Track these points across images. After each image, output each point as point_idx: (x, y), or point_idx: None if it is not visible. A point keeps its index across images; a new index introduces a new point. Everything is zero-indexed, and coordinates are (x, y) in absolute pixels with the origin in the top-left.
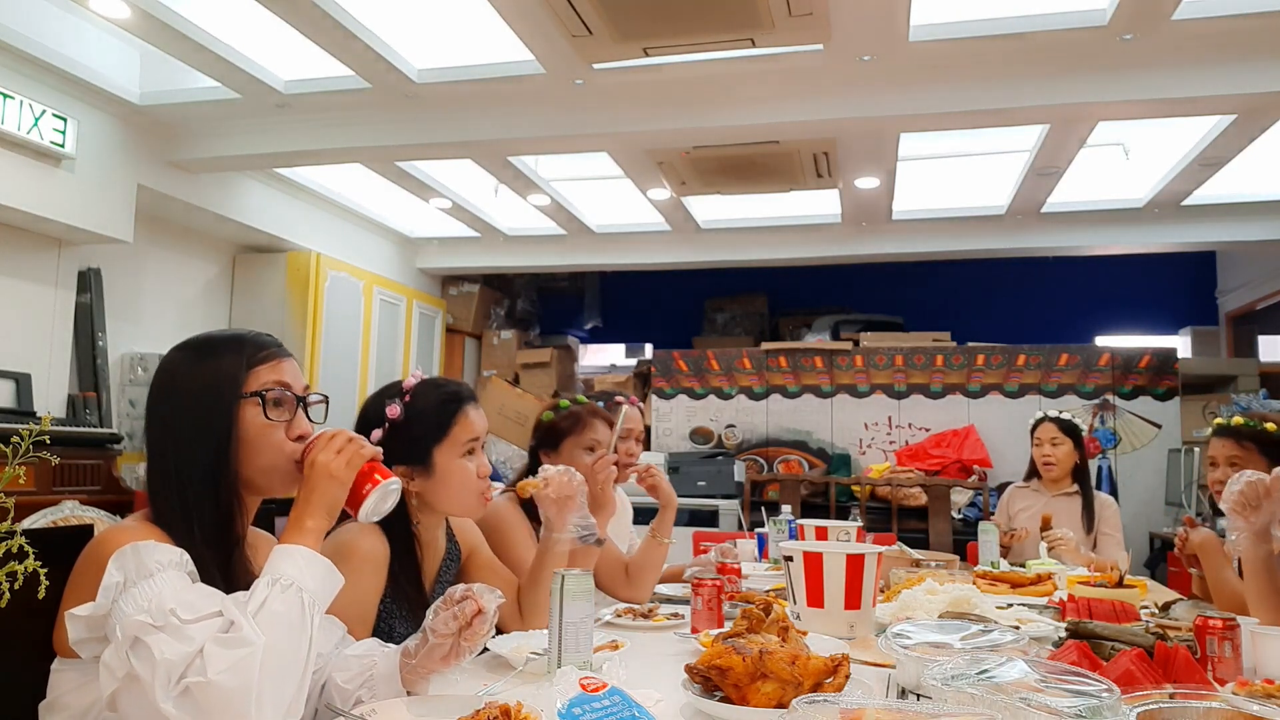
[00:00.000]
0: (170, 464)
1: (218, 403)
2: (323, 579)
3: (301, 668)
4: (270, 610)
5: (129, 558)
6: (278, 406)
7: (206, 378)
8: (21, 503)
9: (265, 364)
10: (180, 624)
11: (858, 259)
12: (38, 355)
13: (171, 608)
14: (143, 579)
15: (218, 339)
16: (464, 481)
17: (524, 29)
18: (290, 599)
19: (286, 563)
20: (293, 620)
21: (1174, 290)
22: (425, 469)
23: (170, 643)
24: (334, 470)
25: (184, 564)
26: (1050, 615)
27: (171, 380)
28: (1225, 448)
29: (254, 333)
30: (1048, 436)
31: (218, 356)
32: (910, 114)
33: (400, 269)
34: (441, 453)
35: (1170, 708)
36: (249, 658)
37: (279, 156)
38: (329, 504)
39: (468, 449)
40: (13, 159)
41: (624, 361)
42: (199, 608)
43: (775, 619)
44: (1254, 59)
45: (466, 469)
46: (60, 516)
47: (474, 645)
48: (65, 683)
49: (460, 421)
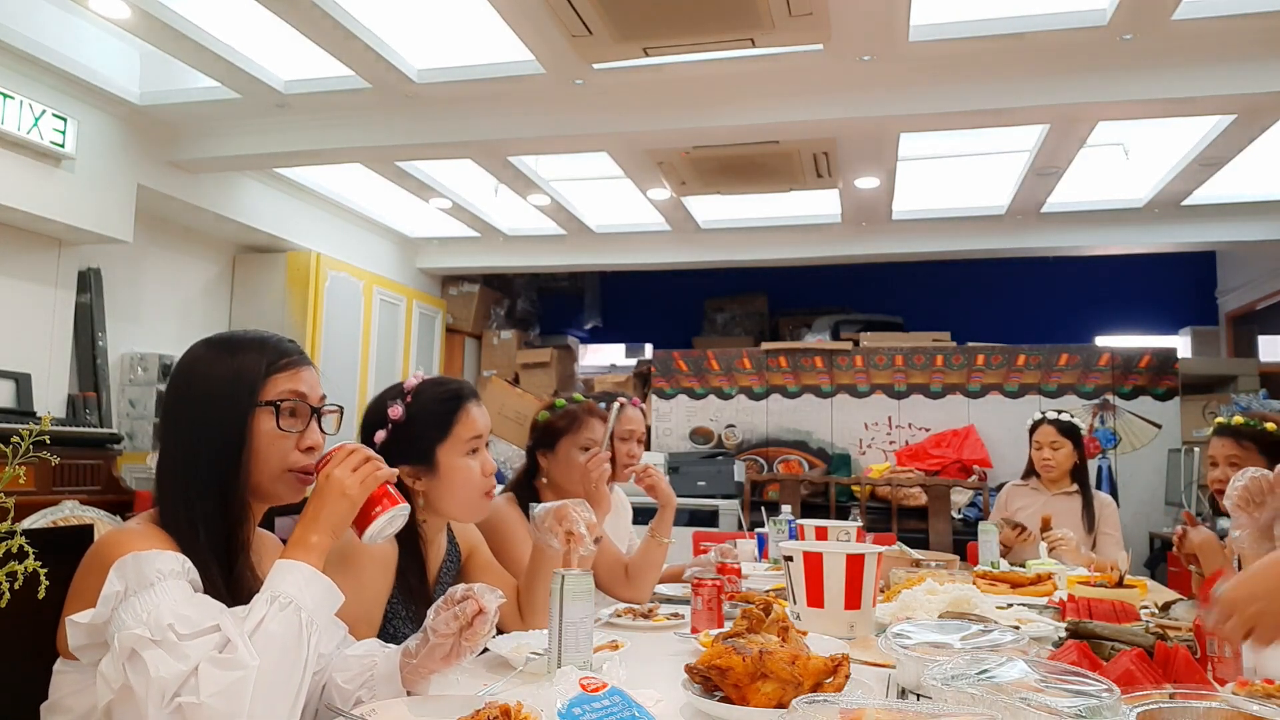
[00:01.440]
0: (179, 465)
1: (232, 407)
2: (322, 598)
3: (295, 688)
4: (266, 631)
5: (130, 567)
6: (292, 417)
7: (225, 378)
8: (21, 503)
9: (284, 372)
10: (177, 640)
11: (858, 259)
12: (38, 355)
13: (169, 623)
14: (143, 589)
15: (241, 339)
16: (468, 480)
17: (524, 29)
18: (288, 619)
19: (287, 580)
20: (289, 641)
21: (1174, 290)
22: (429, 468)
23: (166, 660)
24: (347, 488)
25: (185, 572)
26: (1050, 615)
27: (190, 377)
28: (1225, 447)
29: (278, 337)
30: (1047, 440)
31: (239, 358)
32: (910, 114)
33: (400, 269)
34: (445, 451)
35: (1170, 708)
36: (242, 681)
37: (279, 156)
38: (337, 522)
39: (471, 447)
40: (13, 159)
41: (624, 361)
42: (196, 622)
43: (775, 619)
44: (1254, 59)
45: (470, 467)
46: (60, 516)
47: (475, 645)
48: (67, 684)
49: (462, 419)
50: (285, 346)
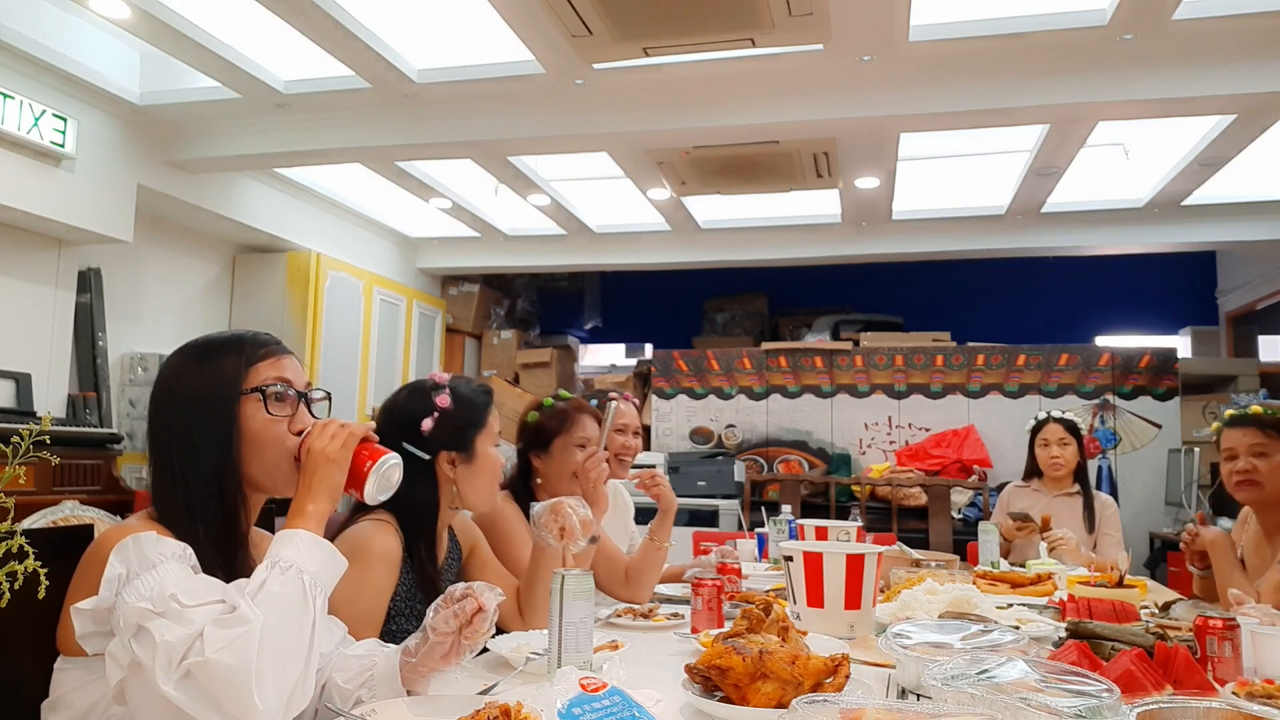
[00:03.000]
0: (174, 465)
1: (220, 403)
2: (324, 562)
3: (305, 649)
4: (269, 591)
5: (130, 550)
6: (279, 402)
7: (208, 379)
8: (21, 503)
9: (265, 360)
10: (181, 608)
11: (858, 259)
12: (38, 355)
13: (172, 593)
14: (145, 570)
15: (217, 341)
16: (495, 470)
17: (524, 29)
18: (290, 580)
19: (287, 547)
20: (293, 601)
21: (1174, 290)
22: (468, 456)
23: (171, 626)
24: (330, 453)
25: (187, 557)
26: (1050, 615)
27: (173, 384)
28: (1248, 436)
29: (253, 332)
30: (1055, 437)
31: (218, 358)
32: (910, 114)
33: (400, 269)
34: (481, 441)
35: (1170, 708)
36: (246, 635)
37: (279, 156)
38: (329, 487)
39: (496, 440)
40: (13, 159)
41: (624, 361)
42: (200, 594)
43: (775, 619)
44: (1254, 59)
45: (498, 459)
46: (60, 516)
47: (474, 644)
48: (69, 681)
49: (493, 413)
50: (262, 338)
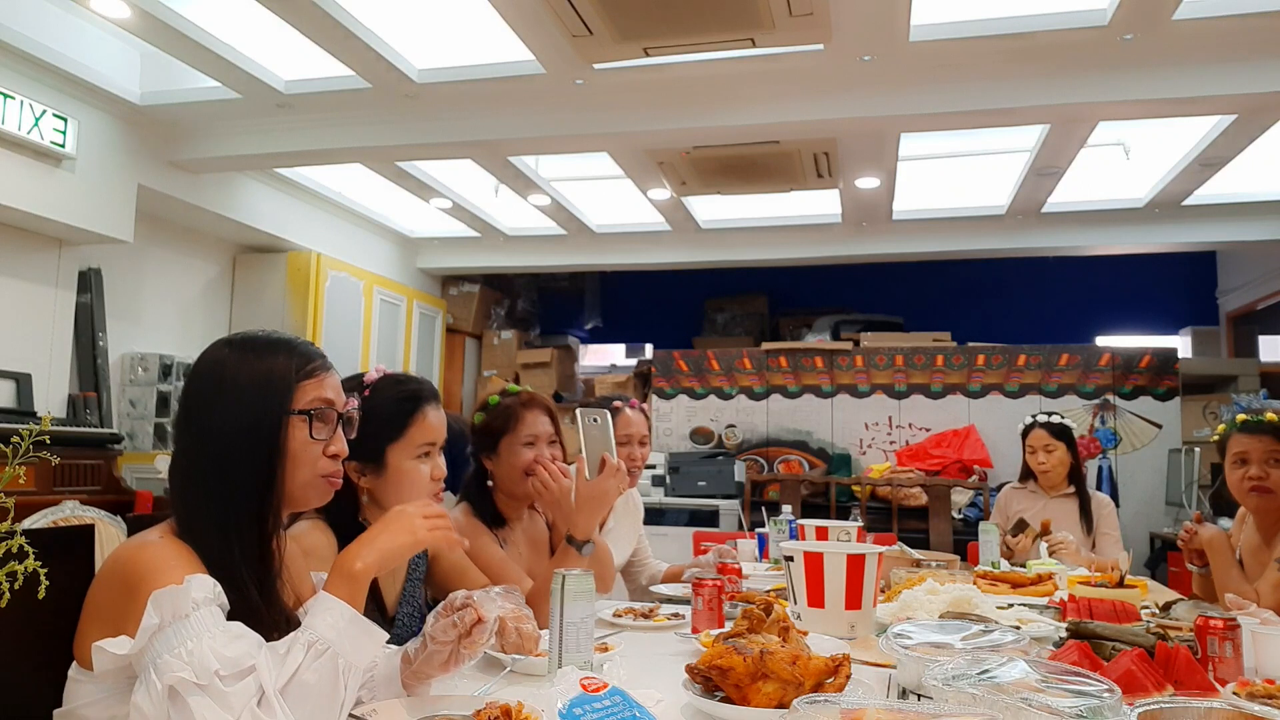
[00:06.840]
0: (208, 474)
1: (267, 414)
2: (358, 641)
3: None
4: (301, 681)
5: (165, 601)
6: (322, 424)
7: (255, 383)
8: (21, 503)
9: (313, 378)
10: (224, 690)
11: (858, 259)
12: (38, 355)
13: (215, 668)
14: (178, 620)
15: (266, 341)
16: (415, 484)
17: (524, 29)
18: (324, 667)
19: (324, 617)
20: (324, 688)
21: (1174, 290)
22: (376, 467)
23: (213, 708)
24: (416, 528)
25: (216, 596)
26: (1051, 615)
27: (218, 380)
28: (1264, 443)
29: (300, 340)
30: (1040, 444)
31: (268, 359)
32: (910, 114)
33: (400, 269)
34: (395, 452)
35: (1171, 708)
36: None
37: (279, 156)
38: (392, 552)
39: (423, 451)
40: (13, 159)
41: (624, 361)
42: (237, 662)
43: (776, 619)
44: (1254, 59)
45: (419, 471)
46: (60, 516)
47: (473, 653)
48: (84, 694)
49: (418, 422)
50: (310, 351)
